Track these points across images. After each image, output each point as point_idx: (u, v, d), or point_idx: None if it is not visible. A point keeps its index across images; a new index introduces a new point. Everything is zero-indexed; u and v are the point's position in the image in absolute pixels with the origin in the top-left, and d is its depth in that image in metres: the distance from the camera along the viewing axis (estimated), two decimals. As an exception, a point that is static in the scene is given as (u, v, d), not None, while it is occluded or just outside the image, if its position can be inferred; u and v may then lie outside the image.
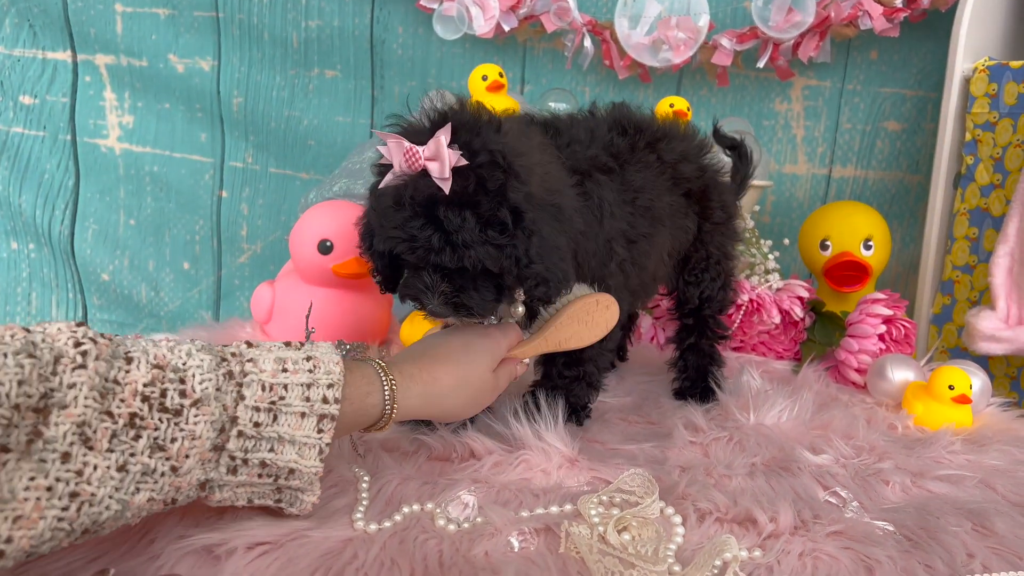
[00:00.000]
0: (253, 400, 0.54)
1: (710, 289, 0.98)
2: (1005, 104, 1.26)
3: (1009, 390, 1.29)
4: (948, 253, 1.35)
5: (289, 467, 0.56)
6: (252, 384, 0.55)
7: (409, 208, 0.65)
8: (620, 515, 0.64)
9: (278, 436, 0.55)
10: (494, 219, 0.65)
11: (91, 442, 0.47)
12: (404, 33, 1.57)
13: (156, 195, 1.65)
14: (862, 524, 0.65)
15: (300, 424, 0.56)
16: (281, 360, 0.57)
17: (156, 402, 0.50)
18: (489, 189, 0.65)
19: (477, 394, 0.72)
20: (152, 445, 0.49)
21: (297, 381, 0.56)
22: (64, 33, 1.57)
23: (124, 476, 0.48)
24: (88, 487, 0.46)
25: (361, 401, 0.62)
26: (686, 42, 1.41)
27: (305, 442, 0.56)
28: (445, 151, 0.63)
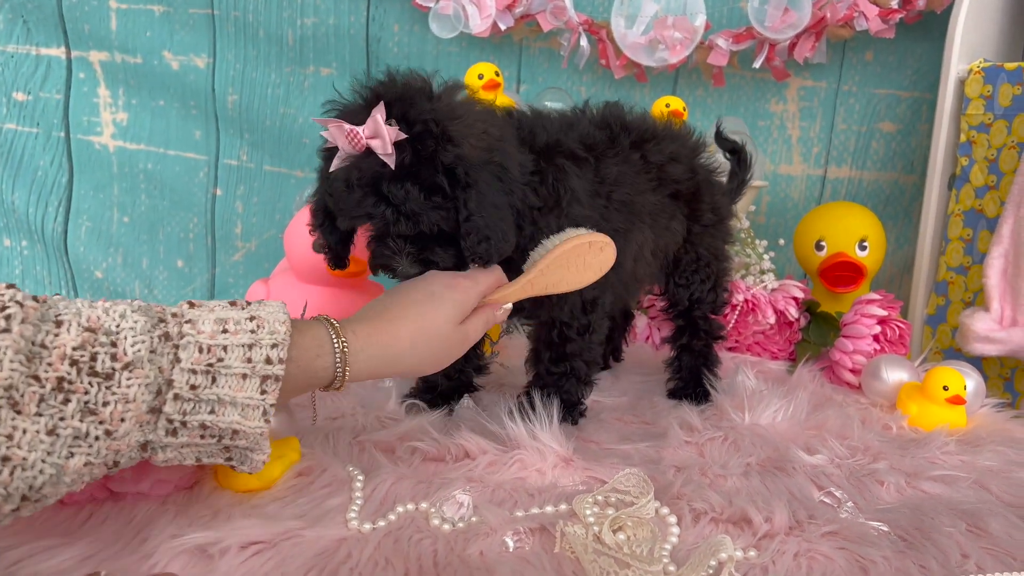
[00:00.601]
0: (189, 363, 0.53)
1: (699, 291, 0.99)
2: (1000, 106, 1.27)
3: (1003, 391, 1.29)
4: (942, 254, 1.36)
5: (232, 428, 0.55)
6: (189, 346, 0.53)
7: (358, 189, 0.68)
8: (615, 515, 0.64)
9: (217, 398, 0.54)
10: (434, 186, 0.69)
11: (19, 406, 0.46)
12: (400, 31, 1.57)
13: (150, 192, 1.64)
14: (857, 524, 0.65)
15: (241, 386, 0.54)
16: (222, 320, 0.55)
17: (86, 366, 0.49)
18: (424, 158, 0.68)
19: (440, 349, 0.69)
20: (83, 409, 0.49)
21: (238, 342, 0.55)
22: (58, 29, 1.56)
23: (55, 440, 0.48)
24: (19, 451, 0.46)
25: (309, 363, 0.60)
26: (682, 42, 1.41)
27: (247, 403, 0.55)
28: (383, 128, 0.66)
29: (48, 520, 0.61)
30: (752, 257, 1.26)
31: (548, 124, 0.82)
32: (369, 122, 0.66)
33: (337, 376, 0.63)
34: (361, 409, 0.88)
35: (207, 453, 0.56)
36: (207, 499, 0.65)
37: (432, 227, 0.71)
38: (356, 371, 0.64)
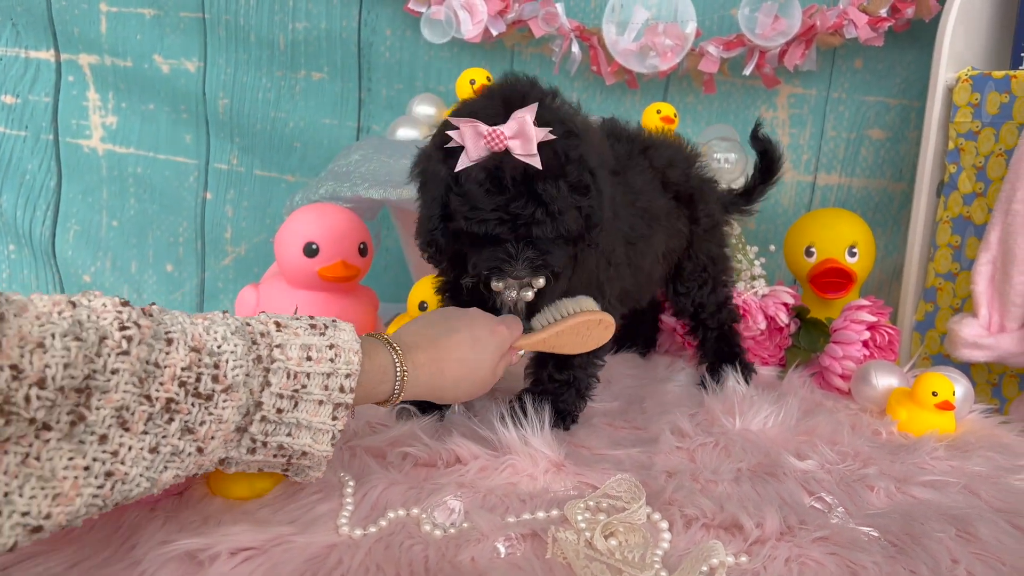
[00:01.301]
0: (278, 387, 0.56)
1: (700, 296, 1.03)
2: (987, 113, 1.27)
3: (991, 397, 1.30)
4: (931, 261, 1.37)
5: (303, 450, 0.58)
6: (279, 372, 0.56)
7: (512, 188, 0.68)
8: (607, 520, 0.64)
9: (296, 422, 0.57)
10: (580, 184, 0.70)
11: (127, 424, 0.48)
12: (392, 36, 1.57)
13: (139, 196, 1.63)
14: (847, 530, 0.66)
15: (317, 411, 0.58)
16: (307, 347, 0.58)
17: (191, 387, 0.51)
18: (572, 158, 0.69)
19: (477, 386, 0.75)
20: (183, 428, 0.51)
21: (319, 371, 0.58)
22: (47, 32, 1.55)
23: (155, 457, 0.50)
24: (122, 467, 0.48)
25: (373, 388, 0.65)
26: (673, 49, 1.42)
27: (320, 428, 0.58)
28: (531, 128, 0.66)
29: (35, 526, 0.61)
30: (743, 263, 1.26)
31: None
32: (514, 122, 0.67)
33: (392, 398, 0.68)
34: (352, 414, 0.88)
35: (271, 466, 0.60)
36: (197, 505, 0.65)
37: (567, 228, 0.71)
38: (407, 395, 0.69)
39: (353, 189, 1.17)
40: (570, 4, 1.51)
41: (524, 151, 0.67)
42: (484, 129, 0.67)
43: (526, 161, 0.67)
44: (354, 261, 1.07)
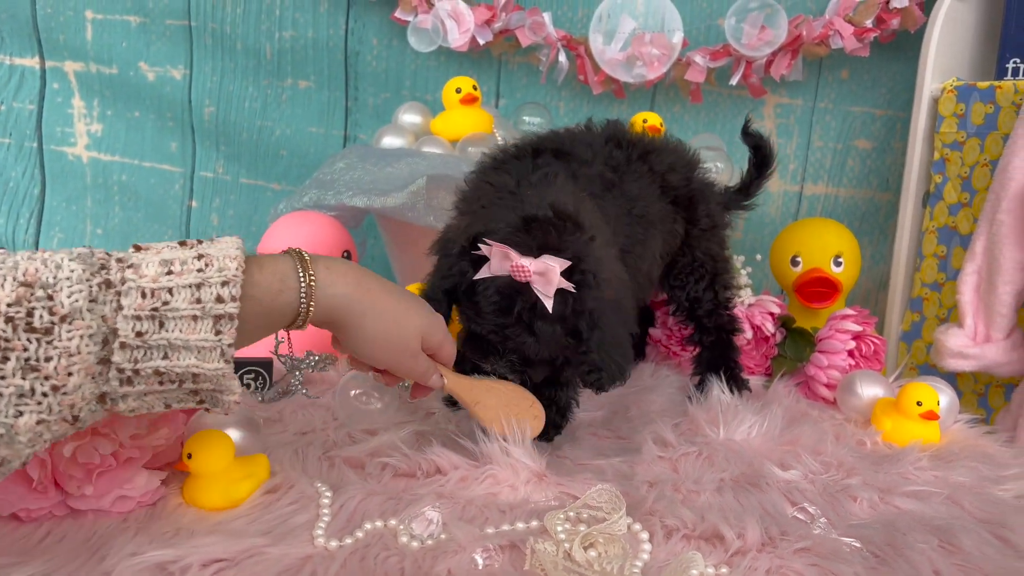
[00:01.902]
0: (132, 309, 0.50)
1: (695, 291, 1.01)
2: (972, 124, 1.28)
3: (977, 407, 1.30)
4: (917, 271, 1.37)
5: (191, 372, 0.52)
6: (131, 292, 0.50)
7: (516, 319, 0.72)
8: (586, 531, 0.63)
9: (168, 343, 0.51)
10: (575, 330, 0.74)
11: None
12: (378, 45, 1.57)
13: (124, 204, 1.62)
14: (829, 540, 0.65)
15: (193, 328, 0.51)
16: (167, 262, 0.52)
17: (22, 322, 0.47)
18: (578, 311, 0.73)
19: (398, 342, 0.67)
20: (23, 367, 0.47)
21: (183, 283, 0.51)
22: (32, 39, 1.54)
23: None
24: None
25: (271, 300, 0.57)
26: (660, 58, 1.42)
27: (203, 346, 0.52)
28: (557, 276, 0.70)
29: (4, 538, 0.60)
30: (729, 272, 1.26)
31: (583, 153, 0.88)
32: (541, 264, 0.70)
33: (300, 312, 0.59)
34: (332, 423, 0.87)
35: (174, 398, 0.54)
36: (170, 516, 0.64)
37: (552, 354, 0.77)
38: (322, 307, 0.60)
39: (337, 197, 1.16)
40: (557, 14, 1.51)
41: (543, 290, 0.71)
42: (514, 258, 0.71)
43: (540, 298, 0.71)
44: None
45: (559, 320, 0.73)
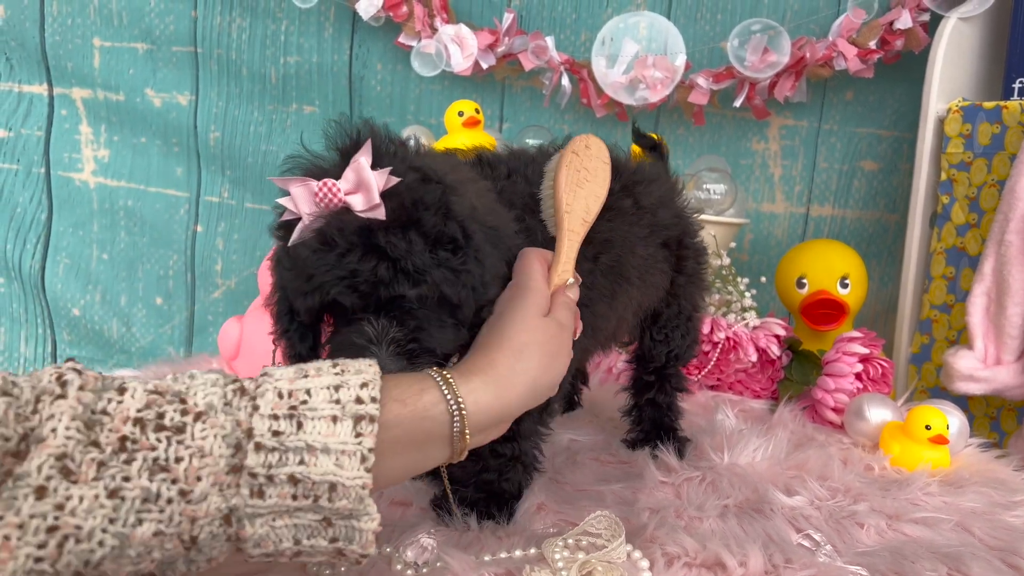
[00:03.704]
0: (269, 408, 0.46)
1: (679, 347, 0.92)
2: (979, 144, 1.27)
3: (989, 431, 1.28)
4: (926, 292, 1.35)
5: (328, 481, 0.46)
6: (267, 393, 0.47)
7: (342, 242, 0.54)
8: (584, 559, 0.62)
9: (306, 445, 0.46)
10: (443, 236, 0.56)
11: (74, 476, 0.41)
12: (383, 70, 1.57)
13: (130, 229, 1.63)
14: (835, 568, 0.63)
15: (332, 430, 0.46)
16: (302, 369, 0.49)
17: (152, 423, 0.43)
18: (429, 204, 0.56)
19: (546, 349, 0.58)
20: (151, 467, 0.42)
21: (321, 384, 0.48)
22: (41, 66, 1.56)
23: (119, 504, 0.41)
24: (71, 519, 0.40)
25: (415, 400, 0.51)
26: (663, 81, 1.42)
27: (342, 449, 0.46)
28: (369, 175, 0.54)
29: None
30: (734, 295, 1.25)
31: (518, 166, 0.72)
32: (350, 171, 0.54)
33: (453, 416, 0.53)
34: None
35: (306, 530, 0.47)
36: None
37: (434, 291, 0.56)
38: (472, 407, 0.53)
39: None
40: (560, 38, 1.52)
41: (367, 204, 0.53)
42: (315, 184, 0.54)
43: (369, 216, 0.54)
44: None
45: (410, 223, 0.55)
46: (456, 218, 0.57)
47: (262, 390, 0.47)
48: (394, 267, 0.54)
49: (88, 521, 0.41)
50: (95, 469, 0.41)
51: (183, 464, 0.43)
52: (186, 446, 0.44)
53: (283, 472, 0.45)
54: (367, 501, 0.47)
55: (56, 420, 0.41)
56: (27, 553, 0.39)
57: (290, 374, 0.48)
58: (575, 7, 1.54)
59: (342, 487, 0.46)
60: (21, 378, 0.43)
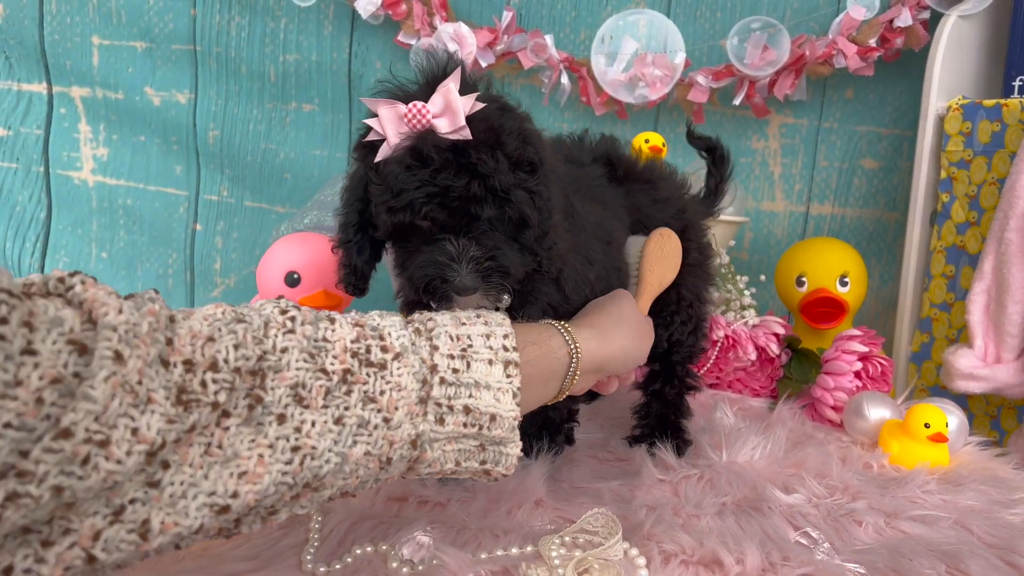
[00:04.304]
0: (447, 349, 0.54)
1: (679, 333, 0.92)
2: (979, 142, 1.27)
3: (989, 429, 1.27)
4: (926, 291, 1.35)
5: (490, 412, 0.55)
6: (441, 335, 0.55)
7: (438, 158, 0.58)
8: (581, 556, 0.61)
9: (474, 382, 0.54)
10: (523, 159, 0.62)
11: (305, 401, 0.48)
12: (382, 68, 1.57)
13: (129, 228, 1.62)
14: (832, 566, 0.63)
15: (490, 371, 0.55)
16: (457, 317, 0.57)
17: (363, 358, 0.51)
18: (510, 129, 0.61)
19: (638, 329, 0.71)
20: (364, 398, 0.50)
21: (477, 332, 0.56)
22: (40, 65, 1.56)
23: (341, 429, 0.49)
24: (309, 440, 0.47)
25: (546, 343, 0.62)
26: (662, 79, 1.41)
27: (499, 387, 0.55)
28: (457, 99, 0.58)
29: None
30: (733, 293, 1.24)
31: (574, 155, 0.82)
32: (438, 96, 0.58)
33: (573, 355, 0.63)
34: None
35: (466, 453, 0.56)
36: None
37: (516, 213, 0.61)
38: (585, 351, 0.64)
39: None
40: (559, 36, 1.51)
41: (452, 127, 0.58)
42: (402, 109, 0.59)
43: (455, 138, 0.58)
44: (336, 291, 1.06)
45: (497, 145, 0.60)
46: (533, 143, 0.63)
47: (436, 332, 0.55)
48: (484, 185, 0.59)
49: (320, 442, 0.47)
50: (323, 397, 0.48)
51: (385, 396, 0.51)
52: (387, 381, 0.51)
53: (459, 403, 0.54)
54: (515, 430, 0.57)
55: (289, 353, 0.48)
56: (278, 468, 0.46)
57: (450, 320, 0.56)
58: (574, 5, 1.53)
59: (500, 417, 0.55)
60: (245, 308, 0.49)
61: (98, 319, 0.40)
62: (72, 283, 0.41)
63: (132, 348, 0.40)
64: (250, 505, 0.45)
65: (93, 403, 0.38)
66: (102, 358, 0.39)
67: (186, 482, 0.43)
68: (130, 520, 0.41)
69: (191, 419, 0.43)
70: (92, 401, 0.38)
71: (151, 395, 0.41)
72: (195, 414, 0.43)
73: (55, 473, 0.37)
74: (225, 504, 0.44)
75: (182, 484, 0.42)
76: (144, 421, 0.40)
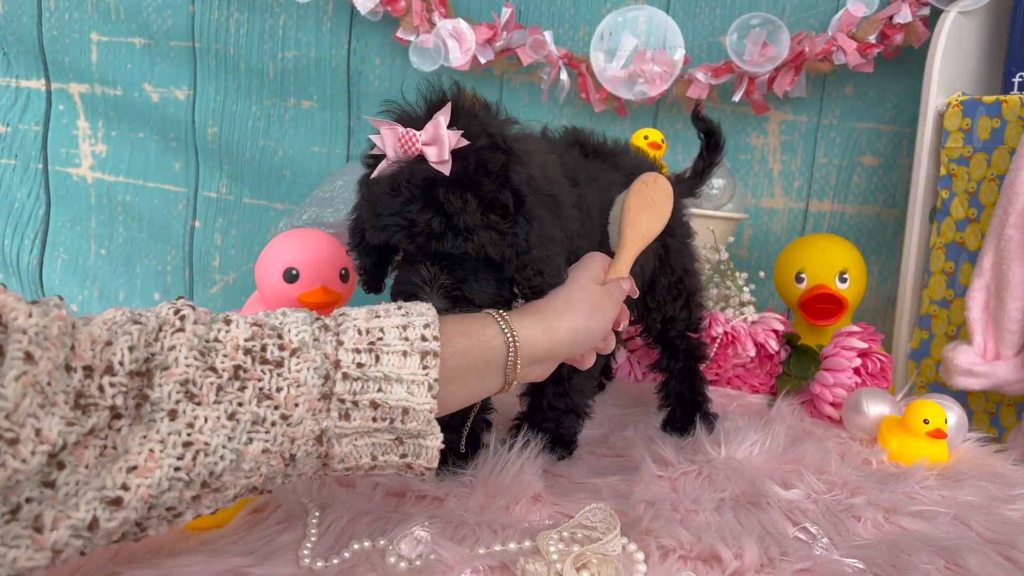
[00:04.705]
0: (352, 343, 0.54)
1: (671, 310, 0.96)
2: (979, 139, 1.26)
3: (989, 426, 1.27)
4: (925, 287, 1.35)
5: (402, 406, 0.54)
6: (349, 330, 0.54)
7: (406, 191, 0.62)
8: (579, 551, 0.61)
9: (383, 375, 0.54)
10: (495, 202, 0.64)
11: (197, 398, 0.48)
12: (381, 64, 1.57)
13: (128, 225, 1.62)
14: (831, 561, 0.63)
15: (404, 363, 0.54)
16: (372, 310, 0.57)
17: (257, 355, 0.51)
18: (491, 171, 0.63)
19: (592, 306, 0.67)
20: (259, 395, 0.50)
21: (391, 323, 0.55)
22: (38, 61, 1.55)
23: (235, 425, 0.49)
24: (201, 436, 0.47)
25: (479, 333, 0.60)
26: (661, 75, 1.41)
27: (412, 379, 0.54)
28: (444, 132, 0.61)
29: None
30: (732, 289, 1.24)
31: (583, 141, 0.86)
32: (429, 126, 0.61)
33: (510, 346, 0.61)
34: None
35: (381, 447, 0.56)
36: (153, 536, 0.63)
37: (479, 249, 0.64)
38: (524, 340, 0.62)
39: (336, 214, 1.16)
40: (558, 32, 1.51)
41: (437, 157, 0.61)
42: (401, 130, 0.62)
43: (436, 168, 0.61)
44: (335, 287, 1.06)
45: (469, 186, 0.62)
46: (512, 186, 0.64)
47: (344, 327, 0.55)
48: (446, 223, 0.62)
49: (213, 438, 0.48)
50: (215, 393, 0.49)
51: (283, 393, 0.51)
52: (284, 378, 0.51)
53: (366, 398, 0.53)
54: (433, 423, 0.56)
55: (177, 351, 0.48)
56: (169, 463, 0.46)
57: (364, 314, 0.56)
58: (574, 2, 1.53)
59: (413, 411, 0.54)
60: (143, 310, 0.50)
61: (8, 323, 0.42)
62: None
63: (43, 350, 0.42)
64: (144, 499, 0.46)
65: (4, 400, 0.40)
66: (13, 358, 0.41)
67: (80, 481, 0.44)
68: (25, 518, 0.42)
69: (90, 423, 0.45)
70: (3, 399, 0.40)
71: (55, 399, 0.43)
72: (93, 418, 0.45)
73: None
74: (115, 496, 0.45)
75: (76, 484, 0.44)
76: (47, 423, 0.42)
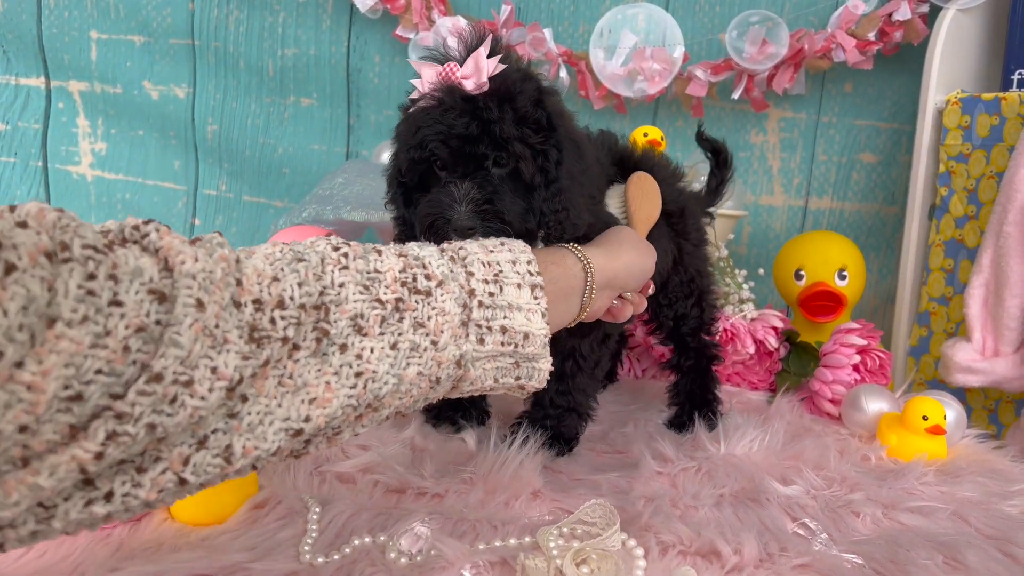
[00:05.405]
0: (481, 275, 0.58)
1: (682, 307, 0.98)
2: (978, 136, 1.27)
3: (987, 423, 1.28)
4: (924, 284, 1.35)
5: (524, 331, 0.59)
6: (475, 263, 0.59)
7: (447, 100, 0.64)
8: (579, 547, 0.61)
9: (507, 304, 0.58)
10: (530, 117, 0.66)
11: (364, 330, 0.51)
12: (380, 62, 1.57)
13: (128, 223, 1.62)
14: (830, 557, 0.63)
15: (519, 294, 0.59)
16: (484, 245, 0.61)
17: (411, 286, 0.54)
18: (526, 91, 0.66)
19: (640, 247, 0.74)
20: (414, 324, 0.53)
21: (504, 259, 0.60)
22: (38, 59, 1.55)
23: (396, 353, 0.52)
24: (369, 365, 0.51)
25: (563, 261, 0.66)
26: (661, 73, 1.41)
27: (529, 307, 0.59)
28: (483, 61, 0.64)
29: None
30: (731, 286, 1.24)
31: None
32: (470, 60, 0.64)
33: (587, 271, 0.67)
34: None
35: (503, 370, 0.60)
36: (154, 531, 0.63)
37: (513, 160, 0.66)
38: (595, 265, 0.68)
39: (336, 212, 1.16)
40: (558, 29, 1.51)
41: (476, 83, 0.64)
42: (440, 66, 0.65)
43: (475, 92, 0.64)
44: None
45: (507, 99, 0.65)
46: (545, 109, 0.67)
47: (469, 260, 0.59)
48: (483, 128, 0.65)
49: (380, 366, 0.51)
50: (379, 325, 0.52)
51: (432, 321, 0.54)
52: (433, 307, 0.54)
53: (496, 324, 0.58)
54: (547, 346, 0.61)
55: (346, 288, 0.51)
56: (344, 392, 0.50)
57: (478, 248, 0.60)
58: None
59: (532, 335, 0.59)
60: (299, 246, 0.53)
61: (175, 267, 0.43)
62: (147, 231, 0.45)
63: (210, 295, 0.44)
64: (320, 427, 0.49)
65: (180, 348, 0.41)
66: (185, 306, 0.42)
67: (262, 411, 0.47)
68: (214, 447, 0.45)
69: (264, 354, 0.46)
70: (179, 347, 0.41)
71: (227, 336, 0.44)
72: (267, 350, 0.46)
73: (149, 413, 0.40)
74: (299, 428, 0.48)
75: (259, 413, 0.46)
76: (222, 360, 0.44)
